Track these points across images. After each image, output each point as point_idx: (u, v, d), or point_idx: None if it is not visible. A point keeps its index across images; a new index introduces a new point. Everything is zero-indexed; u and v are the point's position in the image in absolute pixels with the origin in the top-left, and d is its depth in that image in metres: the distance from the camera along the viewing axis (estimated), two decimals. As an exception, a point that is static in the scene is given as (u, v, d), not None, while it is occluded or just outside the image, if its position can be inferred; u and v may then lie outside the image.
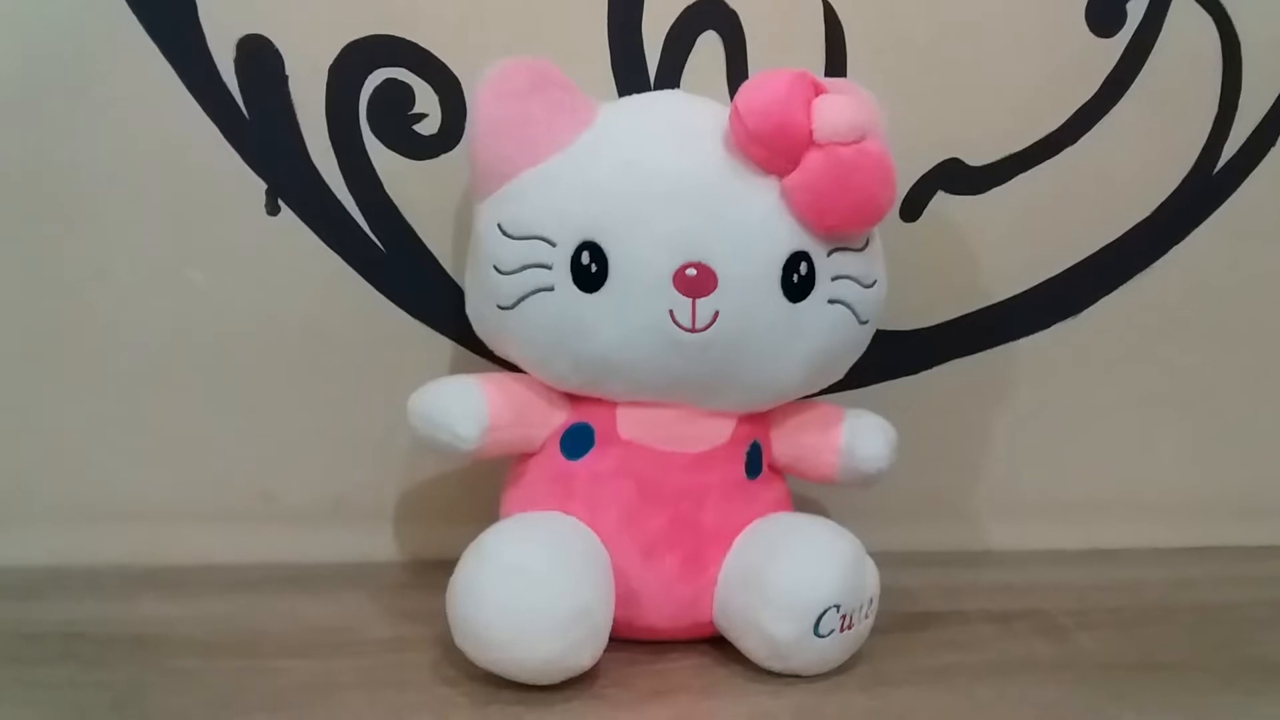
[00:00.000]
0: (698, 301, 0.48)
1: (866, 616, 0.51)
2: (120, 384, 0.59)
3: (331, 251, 0.59)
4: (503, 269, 0.50)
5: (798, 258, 0.50)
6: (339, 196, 0.59)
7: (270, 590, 0.58)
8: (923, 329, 0.65)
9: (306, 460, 0.61)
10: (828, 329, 0.51)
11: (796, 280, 0.50)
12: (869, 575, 0.51)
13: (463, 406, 0.50)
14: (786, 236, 0.49)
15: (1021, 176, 0.63)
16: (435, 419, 0.51)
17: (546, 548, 0.48)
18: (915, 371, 0.65)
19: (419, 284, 0.60)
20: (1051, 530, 0.67)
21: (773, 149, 0.48)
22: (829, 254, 0.50)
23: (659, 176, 0.49)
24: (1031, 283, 0.65)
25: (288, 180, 0.58)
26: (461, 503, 0.58)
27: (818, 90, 0.48)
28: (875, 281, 0.52)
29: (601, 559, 0.49)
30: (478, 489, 0.56)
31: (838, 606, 0.49)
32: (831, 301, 0.51)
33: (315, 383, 0.60)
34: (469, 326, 0.54)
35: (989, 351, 0.65)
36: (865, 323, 0.52)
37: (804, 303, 0.50)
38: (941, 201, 0.63)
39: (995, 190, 0.63)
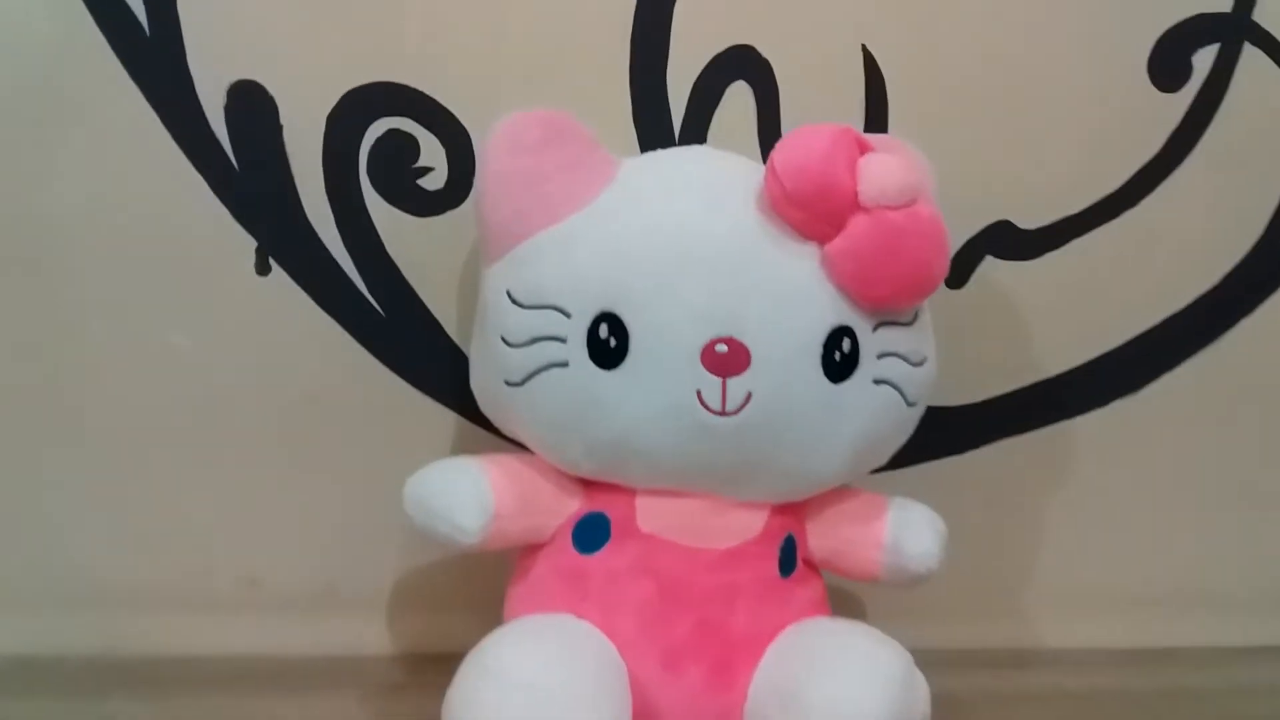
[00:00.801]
0: (729, 381, 0.45)
1: (916, 741, 0.46)
2: (92, 456, 0.57)
3: (326, 315, 0.57)
4: (511, 341, 0.47)
5: (840, 333, 0.46)
6: (335, 256, 0.57)
7: (251, 688, 0.54)
8: (969, 405, 0.62)
9: (294, 542, 0.58)
10: (873, 412, 0.48)
11: (839, 358, 0.46)
12: (919, 693, 0.46)
13: (465, 493, 0.47)
14: (828, 309, 0.46)
15: (1077, 241, 0.61)
16: (434, 507, 0.47)
17: (557, 660, 0.44)
18: (960, 451, 0.62)
19: (421, 352, 0.58)
20: (1111, 627, 0.63)
21: (813, 212, 0.45)
22: (874, 329, 0.47)
23: (686, 241, 0.46)
24: (1088, 356, 0.62)
25: (280, 237, 0.56)
26: (462, 591, 0.56)
27: (863, 148, 0.45)
28: (925, 359, 0.49)
29: (618, 671, 0.46)
30: (480, 576, 0.53)
31: (885, 731, 0.44)
32: (877, 381, 0.47)
33: (306, 458, 0.58)
34: (475, 399, 0.51)
35: (1041, 430, 0.62)
36: (913, 405, 0.49)
37: (847, 383, 0.47)
38: (990, 267, 0.60)
39: (1049, 255, 0.61)
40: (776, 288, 0.46)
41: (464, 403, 0.55)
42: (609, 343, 0.46)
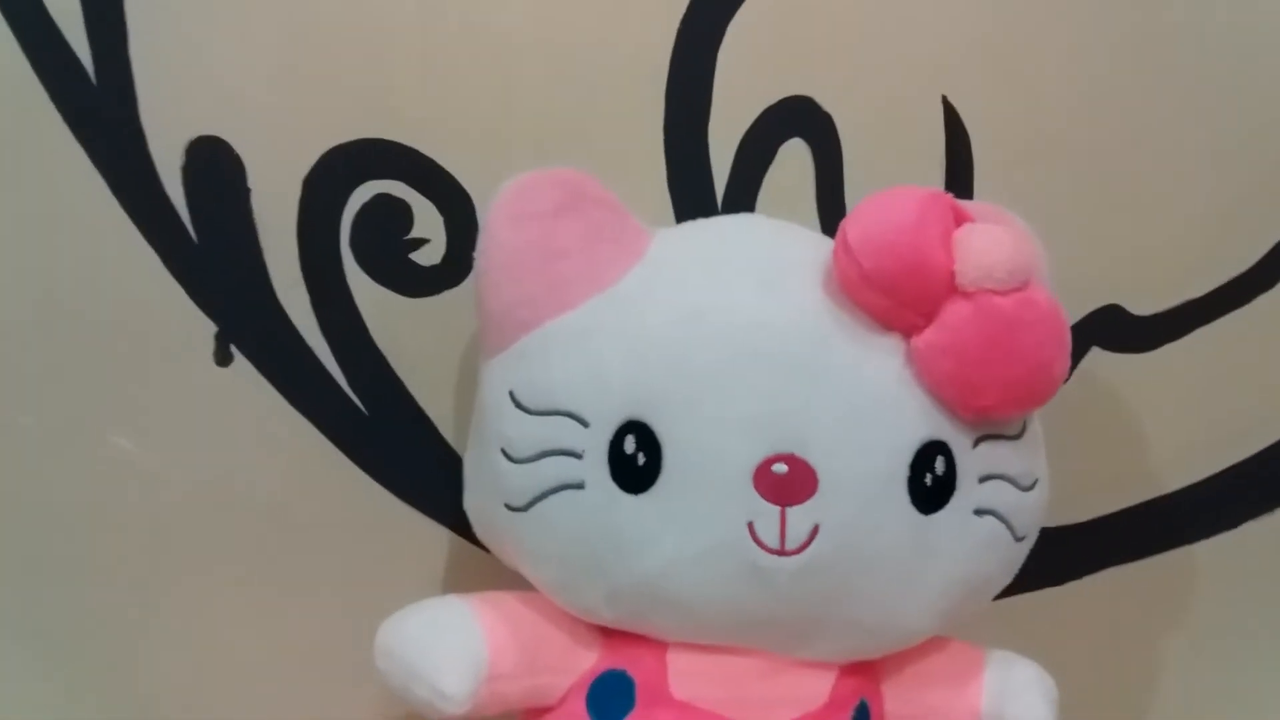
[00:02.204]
0: (789, 510, 0.41)
1: None
2: (13, 580, 0.53)
3: (299, 414, 0.54)
4: (514, 455, 0.43)
5: (932, 450, 0.42)
6: (311, 343, 0.54)
7: None
8: (1070, 526, 0.58)
9: (258, 687, 0.55)
10: (973, 551, 0.44)
11: (930, 482, 0.42)
12: None
13: (451, 648, 0.43)
14: (916, 420, 0.42)
15: (1202, 330, 0.57)
16: (412, 665, 0.42)
17: None
18: (1062, 581, 0.58)
19: (411, 458, 0.54)
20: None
21: (899, 297, 0.41)
22: (975, 444, 0.43)
23: (735, 333, 0.42)
24: (1214, 468, 0.58)
25: (245, 321, 0.53)
26: None
27: (959, 218, 0.42)
28: (1036, 481, 0.45)
29: None
30: None
31: None
32: (979, 512, 0.43)
33: (273, 584, 0.54)
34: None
35: (1157, 558, 0.59)
36: (1022, 539, 0.45)
37: (941, 514, 0.43)
38: (1098, 361, 0.56)
39: (1168, 347, 0.57)
40: (850, 392, 0.42)
41: (461, 519, 0.50)
42: (636, 459, 0.42)
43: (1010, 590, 0.51)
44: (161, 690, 0.54)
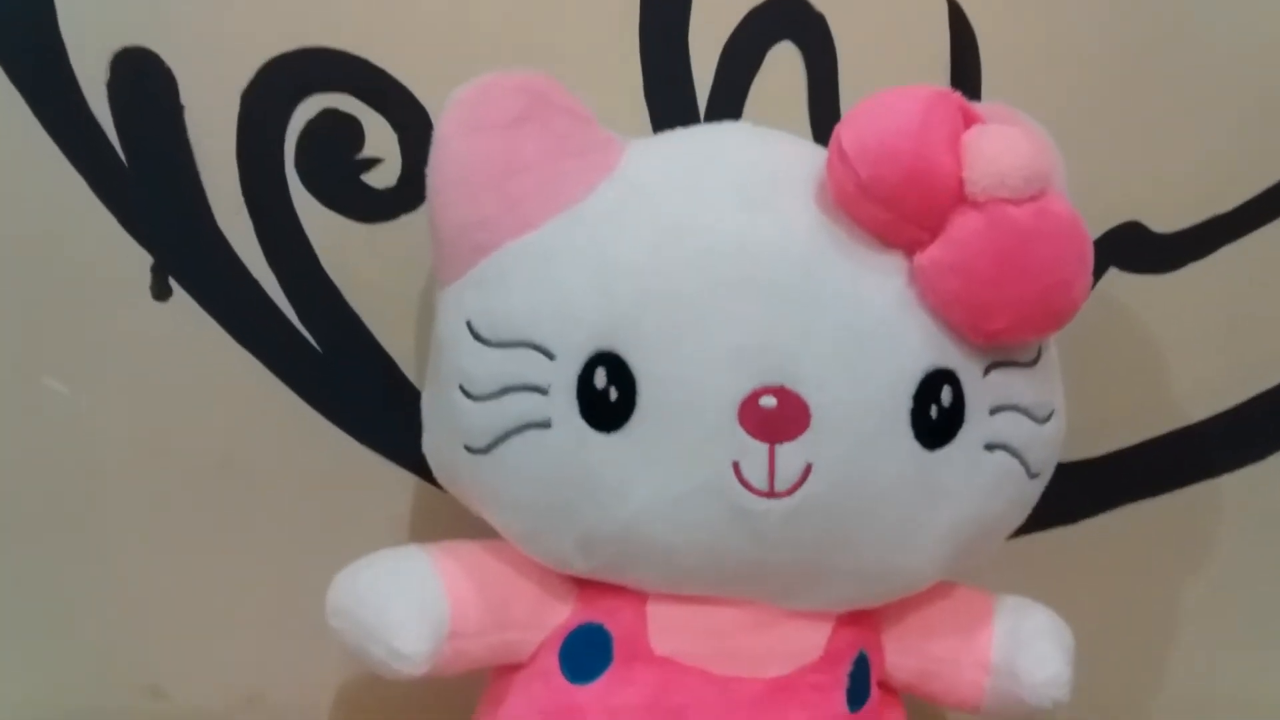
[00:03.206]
0: (778, 448, 0.39)
1: None
2: None
3: (245, 351, 0.53)
4: (473, 391, 0.41)
5: (938, 379, 0.40)
6: (256, 274, 0.52)
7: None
8: (1087, 460, 0.56)
9: (209, 643, 0.54)
10: (983, 490, 0.41)
11: (936, 414, 0.40)
12: None
13: (408, 605, 0.41)
14: (920, 346, 0.40)
15: (1228, 248, 0.56)
16: (367, 624, 0.41)
17: None
18: (1076, 519, 0.57)
19: (369, 397, 0.54)
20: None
21: (900, 209, 0.39)
22: (985, 372, 0.41)
23: (718, 253, 0.40)
24: (1240, 397, 0.57)
25: (183, 252, 0.52)
26: (421, 702, 0.51)
27: (968, 119, 0.40)
28: (1052, 412, 0.43)
29: None
30: (442, 683, 0.45)
31: None
32: (989, 447, 0.41)
33: (222, 535, 0.53)
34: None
35: (1178, 493, 0.57)
36: (1036, 476, 0.43)
37: (948, 449, 0.40)
38: (1115, 282, 0.55)
39: (1191, 267, 0.56)
40: (845, 317, 0.40)
41: (425, 462, 0.49)
42: (608, 395, 0.40)
43: (1021, 529, 0.50)
44: (100, 649, 0.53)
